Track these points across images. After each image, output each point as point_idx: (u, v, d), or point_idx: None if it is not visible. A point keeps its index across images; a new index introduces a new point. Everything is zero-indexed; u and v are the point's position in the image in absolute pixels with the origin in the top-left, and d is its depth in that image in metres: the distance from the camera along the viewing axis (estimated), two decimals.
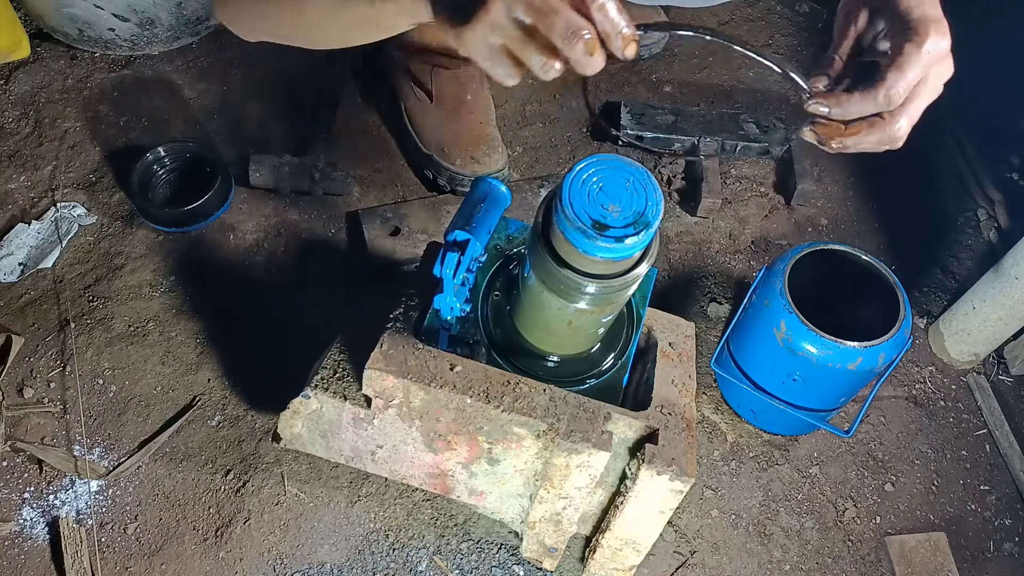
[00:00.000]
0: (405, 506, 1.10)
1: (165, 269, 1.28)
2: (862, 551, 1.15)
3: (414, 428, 0.89)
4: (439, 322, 0.90)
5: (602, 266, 0.73)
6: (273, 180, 1.35)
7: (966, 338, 1.28)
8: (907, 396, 1.29)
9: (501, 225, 0.99)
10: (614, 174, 0.72)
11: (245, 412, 1.16)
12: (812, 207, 1.49)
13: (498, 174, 1.37)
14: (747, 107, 1.61)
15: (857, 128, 0.74)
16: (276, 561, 1.05)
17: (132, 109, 1.46)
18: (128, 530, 1.06)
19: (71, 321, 1.21)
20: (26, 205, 1.33)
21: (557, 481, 0.87)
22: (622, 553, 0.96)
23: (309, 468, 1.12)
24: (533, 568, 1.07)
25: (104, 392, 1.16)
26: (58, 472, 1.09)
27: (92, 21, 1.43)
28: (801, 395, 1.12)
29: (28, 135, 1.41)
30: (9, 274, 1.25)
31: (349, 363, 0.90)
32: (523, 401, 0.84)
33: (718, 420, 1.23)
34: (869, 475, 1.21)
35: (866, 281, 1.10)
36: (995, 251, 1.44)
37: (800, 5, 1.79)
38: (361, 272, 1.31)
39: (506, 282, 0.95)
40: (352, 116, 1.50)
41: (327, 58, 1.56)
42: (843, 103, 0.74)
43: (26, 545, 1.04)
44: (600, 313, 0.83)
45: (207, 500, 1.09)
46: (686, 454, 0.85)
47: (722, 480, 1.18)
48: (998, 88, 1.67)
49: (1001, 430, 1.26)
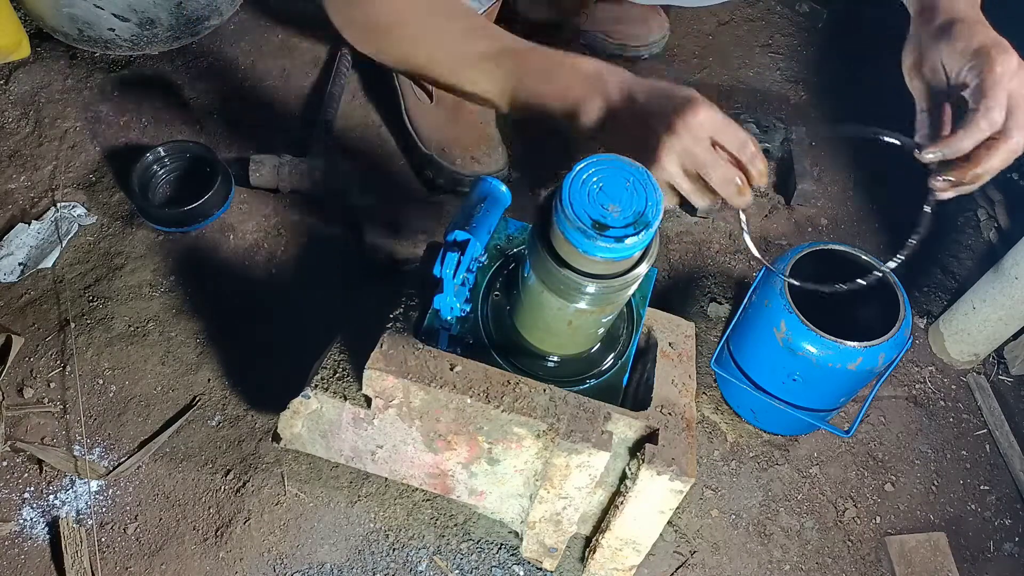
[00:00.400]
0: (405, 506, 1.10)
1: (165, 269, 1.28)
2: (862, 551, 1.15)
3: (414, 428, 0.89)
4: (439, 322, 0.90)
5: (602, 266, 0.73)
6: (273, 180, 1.35)
7: (966, 338, 1.28)
8: (907, 396, 1.29)
9: (501, 225, 0.99)
10: (614, 174, 0.72)
11: (245, 412, 1.16)
12: (812, 207, 1.49)
13: (498, 174, 1.37)
14: (747, 107, 1.61)
15: (977, 158, 0.78)
16: (276, 561, 1.05)
17: (132, 109, 1.46)
18: (128, 530, 1.06)
19: (71, 321, 1.21)
20: (26, 205, 1.33)
21: (557, 481, 0.87)
22: (622, 553, 0.96)
23: (309, 468, 1.12)
24: (533, 568, 1.07)
25: (104, 392, 1.16)
26: (58, 472, 1.09)
27: (92, 21, 1.43)
28: (801, 395, 1.12)
29: (28, 135, 1.41)
30: (9, 274, 1.25)
31: (349, 363, 0.90)
32: (523, 401, 0.84)
33: (718, 420, 1.23)
34: (869, 475, 1.21)
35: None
36: (995, 251, 1.44)
37: (800, 5, 1.79)
38: (361, 272, 1.31)
39: (506, 282, 0.95)
40: (352, 116, 1.50)
41: (327, 58, 1.56)
42: (951, 143, 0.78)
43: (26, 545, 1.04)
44: (600, 313, 0.83)
45: (207, 500, 1.09)
46: (686, 454, 0.85)
47: (722, 480, 1.18)
48: None
49: (1001, 430, 1.26)
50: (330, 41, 1.59)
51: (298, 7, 1.63)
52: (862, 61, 1.69)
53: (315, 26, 1.60)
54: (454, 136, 1.37)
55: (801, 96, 1.64)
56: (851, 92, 1.62)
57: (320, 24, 1.60)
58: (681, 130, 0.73)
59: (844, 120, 1.61)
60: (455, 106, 1.38)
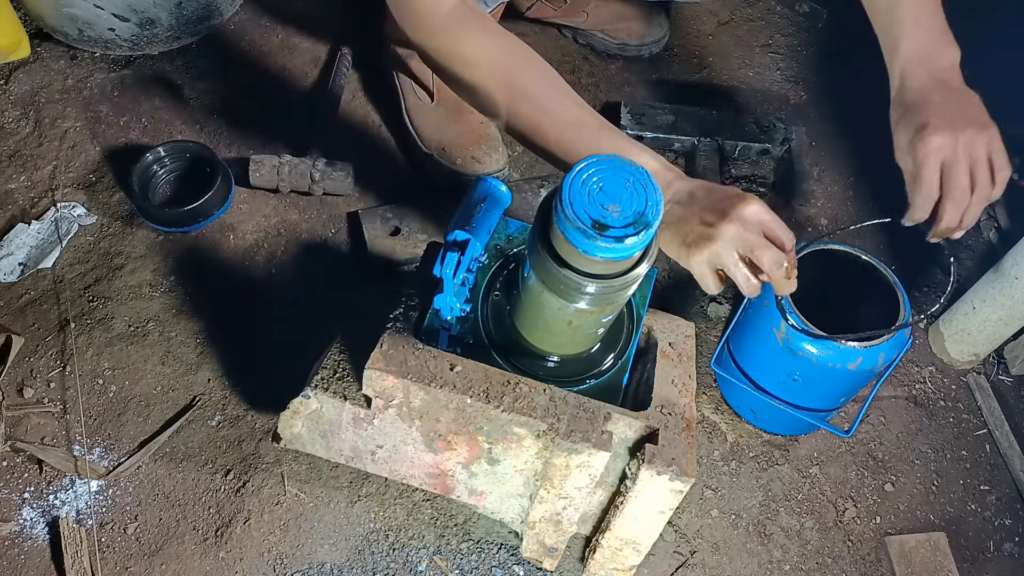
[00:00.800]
0: (405, 506, 1.10)
1: (165, 269, 1.28)
2: (862, 551, 1.15)
3: (414, 428, 0.89)
4: (439, 322, 0.90)
5: (602, 266, 0.73)
6: (273, 180, 1.35)
7: (966, 338, 1.28)
8: (907, 396, 1.29)
9: (501, 225, 0.99)
10: (614, 174, 0.72)
11: (245, 412, 1.16)
12: (812, 207, 1.48)
13: (498, 174, 1.37)
14: (747, 107, 1.61)
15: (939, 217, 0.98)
16: (276, 561, 1.05)
17: (132, 109, 1.46)
18: (128, 530, 1.06)
19: (71, 321, 1.21)
20: (26, 205, 1.33)
21: (557, 481, 0.87)
22: (622, 553, 0.96)
23: (309, 468, 1.12)
24: (533, 568, 1.07)
25: (104, 392, 1.16)
26: (58, 472, 1.09)
27: (92, 21, 1.43)
28: (801, 395, 1.12)
29: (28, 135, 1.41)
30: (9, 274, 1.25)
31: (349, 363, 0.90)
32: (523, 401, 0.84)
33: (718, 420, 1.23)
34: (869, 475, 1.21)
35: (866, 281, 1.10)
36: (995, 251, 1.44)
37: (800, 5, 1.79)
38: (361, 272, 1.31)
39: (506, 282, 0.95)
40: (352, 116, 1.50)
41: (327, 58, 1.56)
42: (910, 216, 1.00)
43: (26, 545, 1.04)
44: (600, 313, 0.83)
45: (207, 500, 1.09)
46: (686, 454, 0.85)
47: (722, 480, 1.18)
48: (998, 88, 1.67)
49: (1001, 430, 1.26)
50: (330, 41, 1.59)
51: (298, 7, 1.63)
52: (862, 61, 1.69)
53: (315, 26, 1.61)
54: (454, 136, 1.37)
55: (801, 96, 1.64)
56: (851, 92, 1.62)
57: (320, 24, 1.61)
58: (735, 219, 0.82)
59: (845, 120, 1.61)
60: (455, 106, 1.38)
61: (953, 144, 0.94)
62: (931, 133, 0.94)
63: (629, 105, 1.50)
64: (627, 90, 1.60)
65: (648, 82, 1.62)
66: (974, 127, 0.95)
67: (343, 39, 1.57)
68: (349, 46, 1.55)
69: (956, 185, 0.95)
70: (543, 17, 1.61)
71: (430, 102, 1.40)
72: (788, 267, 0.83)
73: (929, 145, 0.94)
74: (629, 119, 1.48)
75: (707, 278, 0.87)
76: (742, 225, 0.82)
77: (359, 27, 1.59)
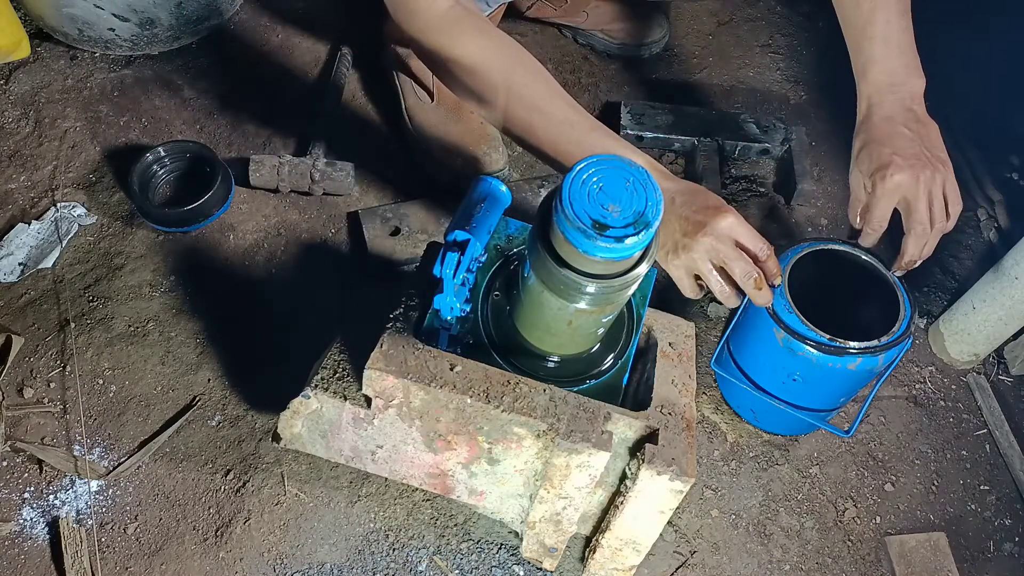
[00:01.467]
0: (405, 506, 1.10)
1: (165, 269, 1.28)
2: (862, 551, 1.15)
3: (414, 428, 0.89)
4: (439, 322, 0.90)
5: (602, 266, 0.73)
6: (273, 180, 1.35)
7: (966, 338, 1.28)
8: (907, 396, 1.29)
9: (501, 225, 0.99)
10: (614, 174, 0.72)
11: (245, 412, 1.16)
12: (812, 207, 1.48)
13: (498, 174, 1.37)
14: (747, 107, 1.61)
15: (902, 250, 1.04)
16: (276, 561, 1.05)
17: (132, 109, 1.46)
18: (128, 530, 1.06)
19: (71, 321, 1.21)
20: (26, 205, 1.33)
21: (557, 481, 0.87)
22: (622, 553, 0.96)
23: (309, 468, 1.12)
24: (533, 568, 1.07)
25: (104, 392, 1.16)
26: (58, 472, 1.09)
27: (92, 21, 1.43)
28: (801, 395, 1.12)
29: (28, 135, 1.41)
30: (9, 274, 1.25)
31: (349, 363, 0.90)
32: (523, 401, 0.84)
33: (718, 420, 1.23)
34: (869, 475, 1.21)
35: (866, 281, 1.10)
36: (995, 251, 1.44)
37: (800, 5, 1.79)
38: (361, 272, 1.31)
39: (506, 282, 0.95)
40: (352, 116, 1.50)
41: (327, 58, 1.56)
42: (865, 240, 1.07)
43: (26, 545, 1.04)
44: (600, 313, 0.83)
45: (207, 500, 1.09)
46: (686, 454, 0.85)
47: (722, 480, 1.18)
48: (998, 88, 1.67)
49: (1001, 430, 1.26)
50: (330, 41, 1.59)
51: (298, 7, 1.63)
52: None
53: (315, 26, 1.61)
54: (454, 136, 1.37)
55: (801, 96, 1.64)
56: (851, 92, 1.62)
57: (320, 24, 1.61)
58: (710, 232, 0.87)
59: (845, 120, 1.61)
60: (455, 106, 1.38)
61: (914, 183, 0.99)
62: (895, 172, 0.99)
63: (629, 105, 1.50)
64: (627, 90, 1.60)
65: (648, 82, 1.62)
66: (932, 165, 1.00)
67: (343, 39, 1.57)
68: (349, 46, 1.55)
69: (917, 220, 1.00)
70: (543, 17, 1.61)
71: (430, 102, 1.40)
72: (758, 279, 0.88)
73: (890, 182, 0.99)
74: (629, 119, 1.48)
75: (684, 282, 0.93)
76: (715, 238, 0.87)
77: (359, 27, 1.59)
